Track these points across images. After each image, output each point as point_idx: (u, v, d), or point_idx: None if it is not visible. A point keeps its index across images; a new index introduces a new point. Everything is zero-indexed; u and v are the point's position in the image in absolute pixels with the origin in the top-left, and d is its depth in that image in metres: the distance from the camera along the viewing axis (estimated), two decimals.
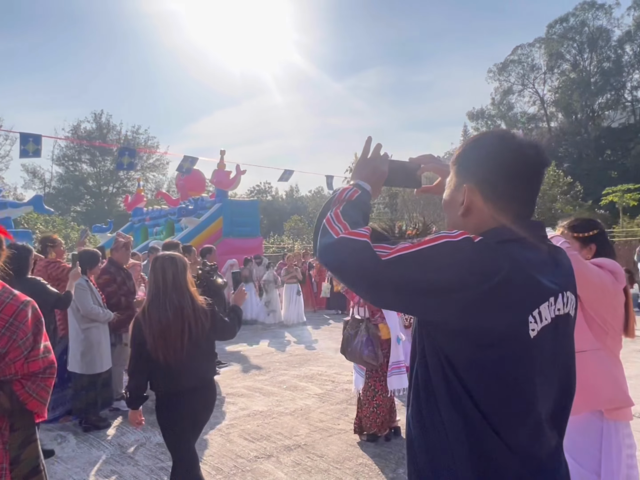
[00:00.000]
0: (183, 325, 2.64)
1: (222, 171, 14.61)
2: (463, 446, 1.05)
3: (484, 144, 1.17)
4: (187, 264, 2.85)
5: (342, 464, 3.76)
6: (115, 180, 47.58)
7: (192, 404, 2.71)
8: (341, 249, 1.10)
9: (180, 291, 2.71)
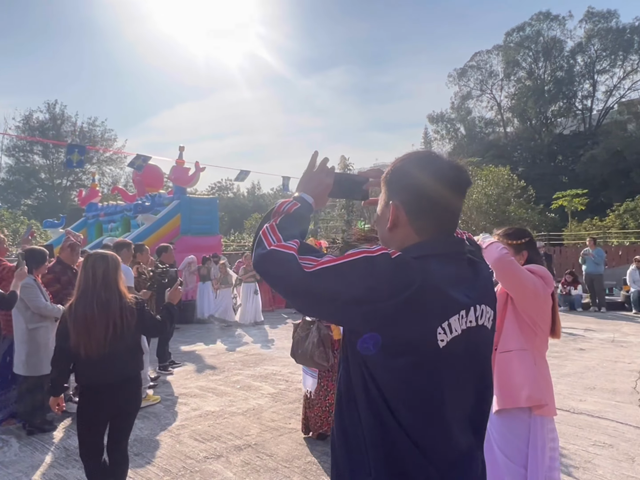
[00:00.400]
0: (108, 321, 2.77)
1: (180, 168, 14.36)
2: (378, 450, 1.12)
3: (409, 164, 1.24)
4: (119, 262, 2.99)
5: (290, 462, 3.82)
6: (70, 173, 45.91)
7: (113, 399, 2.83)
8: (271, 259, 1.17)
9: (109, 288, 2.84)
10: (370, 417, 1.13)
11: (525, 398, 2.35)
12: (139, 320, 2.90)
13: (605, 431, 4.32)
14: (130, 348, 2.91)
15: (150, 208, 13.95)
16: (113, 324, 2.77)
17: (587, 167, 35.01)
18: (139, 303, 2.95)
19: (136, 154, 11.21)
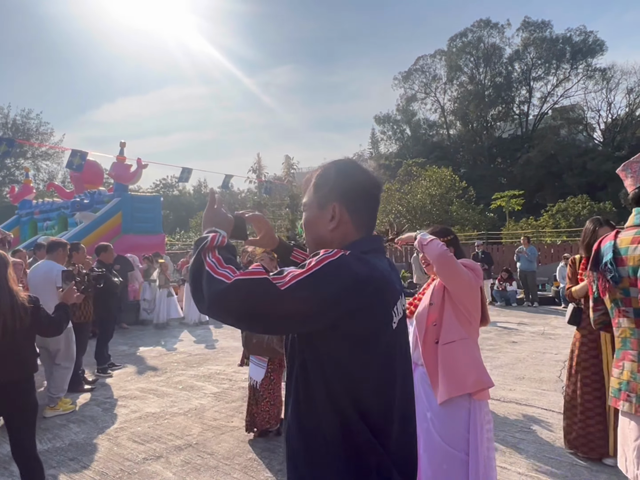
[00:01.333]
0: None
1: (121, 164, 13.90)
2: (339, 444, 1.18)
3: (343, 169, 1.37)
4: (8, 261, 2.92)
5: (231, 460, 3.83)
6: (1, 168, 43.32)
7: (2, 401, 2.76)
8: (238, 291, 1.11)
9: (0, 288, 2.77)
10: (330, 414, 1.18)
11: (472, 383, 2.50)
12: (34, 320, 2.86)
13: (531, 417, 4.61)
14: (21, 348, 2.84)
15: (89, 205, 13.44)
16: (3, 324, 2.71)
17: (523, 169, 36.86)
18: (33, 302, 2.90)
19: (71, 150, 10.67)
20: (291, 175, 6.87)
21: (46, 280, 4.98)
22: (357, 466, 1.18)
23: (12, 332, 2.73)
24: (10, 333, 2.72)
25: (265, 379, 4.14)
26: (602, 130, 40.76)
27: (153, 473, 3.63)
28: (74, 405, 5.21)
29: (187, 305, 10.80)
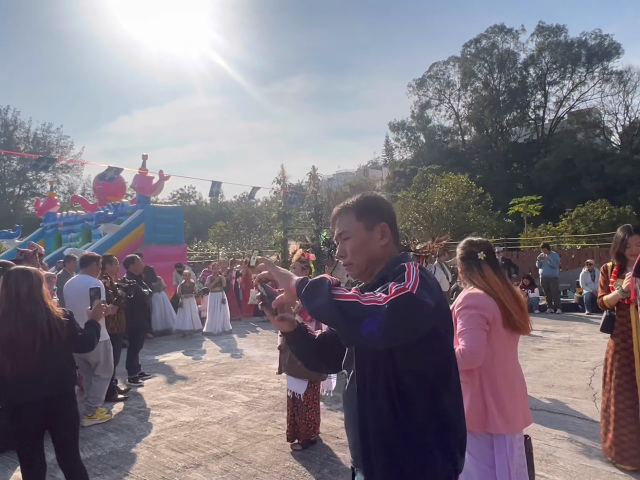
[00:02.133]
0: (34, 336, 2.75)
1: (143, 176, 14.15)
2: (432, 431, 1.43)
3: (379, 197, 1.69)
4: (42, 277, 2.97)
5: (269, 468, 3.90)
6: (23, 181, 44.27)
7: (40, 415, 2.81)
8: (402, 308, 1.26)
9: (35, 304, 2.82)
10: (430, 416, 1.43)
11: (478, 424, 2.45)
12: (69, 334, 2.90)
13: (564, 425, 4.60)
14: (60, 362, 2.89)
15: (113, 217, 13.68)
16: (41, 339, 2.75)
17: (540, 174, 36.53)
18: (68, 316, 2.95)
19: (108, 166, 11.11)
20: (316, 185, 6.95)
21: (84, 295, 5.09)
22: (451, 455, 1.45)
23: (50, 346, 2.78)
24: (48, 347, 2.78)
25: (310, 390, 4.18)
26: (619, 133, 40.27)
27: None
28: (109, 414, 5.33)
29: (212, 315, 10.91)
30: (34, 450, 2.87)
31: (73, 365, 3.06)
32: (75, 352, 3.08)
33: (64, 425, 2.92)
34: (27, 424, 2.80)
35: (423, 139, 47.92)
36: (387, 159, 55.66)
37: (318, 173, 7.06)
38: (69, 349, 2.98)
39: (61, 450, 2.96)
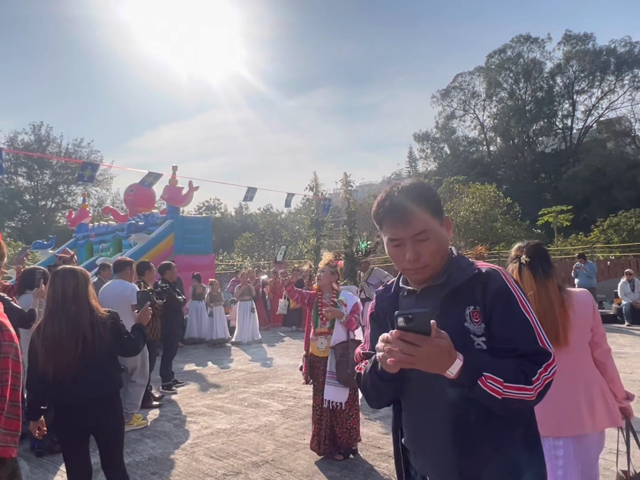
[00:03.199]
0: (77, 337, 2.68)
1: (173, 187, 14.35)
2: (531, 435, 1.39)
3: (431, 186, 1.57)
4: (89, 277, 2.92)
5: (311, 477, 3.79)
6: (55, 194, 45.46)
7: (86, 418, 2.75)
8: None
9: (80, 304, 2.76)
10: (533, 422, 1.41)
11: None
12: (113, 335, 2.82)
13: (620, 439, 4.36)
14: (104, 364, 2.82)
15: (144, 227, 13.87)
16: (83, 340, 2.68)
17: (569, 184, 35.79)
18: (113, 317, 2.87)
19: (148, 172, 11.48)
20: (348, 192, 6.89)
21: (120, 299, 5.11)
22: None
23: (93, 348, 2.72)
24: (91, 349, 2.72)
25: (350, 397, 4.07)
26: None
27: None
28: (145, 420, 5.31)
29: (241, 324, 10.89)
30: (78, 454, 2.81)
31: (118, 369, 2.97)
32: (120, 355, 3.02)
33: (109, 429, 2.86)
34: (71, 428, 2.75)
35: (447, 150, 47.58)
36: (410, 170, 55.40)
37: (350, 180, 6.98)
38: (114, 352, 2.91)
39: (105, 455, 2.91)
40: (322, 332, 4.18)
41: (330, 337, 4.10)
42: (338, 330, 4.11)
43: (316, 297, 4.29)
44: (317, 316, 4.22)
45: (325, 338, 4.14)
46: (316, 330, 4.20)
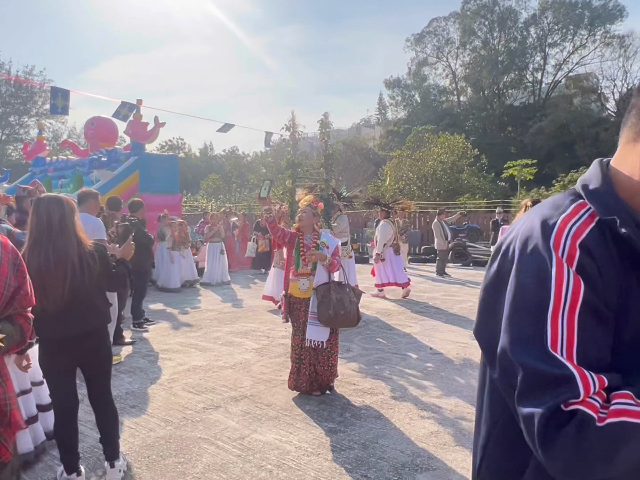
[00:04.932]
0: (65, 271, 2.57)
1: (138, 122, 13.64)
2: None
3: None
4: (75, 207, 2.76)
5: (290, 411, 3.90)
6: (5, 126, 42.71)
7: (74, 351, 2.71)
8: None
9: (67, 235, 2.62)
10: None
11: None
12: (102, 269, 2.72)
13: None
14: (93, 299, 2.74)
15: (106, 164, 13.31)
16: (72, 274, 2.57)
17: (534, 138, 36.36)
18: (100, 249, 2.76)
19: (121, 102, 10.62)
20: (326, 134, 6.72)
21: None
22: None
23: (82, 281, 2.61)
24: (80, 282, 2.61)
25: (332, 336, 4.14)
26: (616, 100, 39.95)
27: (216, 422, 3.70)
28: (119, 356, 5.28)
29: (210, 265, 10.80)
30: (66, 385, 2.77)
31: (107, 303, 2.88)
32: (108, 290, 2.92)
33: (98, 362, 2.83)
34: (59, 359, 2.69)
35: (418, 98, 47.11)
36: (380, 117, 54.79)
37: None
38: (102, 286, 2.81)
39: (94, 388, 2.87)
40: (304, 272, 4.17)
41: (312, 279, 4.11)
42: (320, 272, 4.12)
43: (297, 238, 4.25)
44: (298, 257, 4.20)
45: (307, 279, 4.15)
46: (298, 271, 4.19)
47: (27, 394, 3.17)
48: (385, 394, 4.23)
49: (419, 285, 10.52)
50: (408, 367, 4.95)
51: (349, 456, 3.16)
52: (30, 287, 1.84)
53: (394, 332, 6.44)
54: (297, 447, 3.28)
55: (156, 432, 3.53)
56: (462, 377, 4.66)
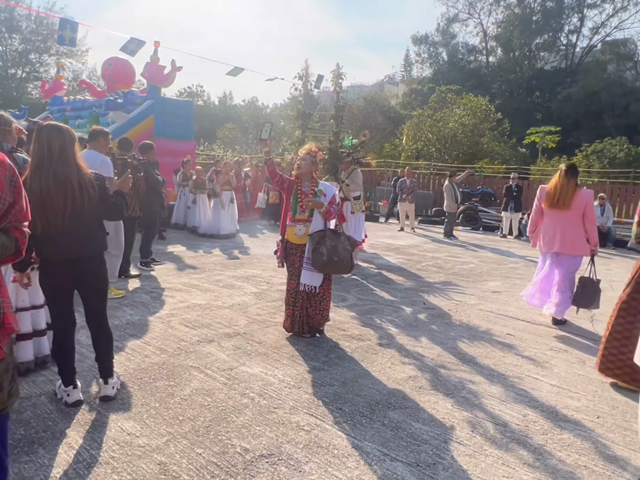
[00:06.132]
0: (66, 196, 2.70)
1: (155, 65, 13.56)
2: None
3: None
4: (75, 136, 2.86)
5: (279, 350, 4.10)
6: (25, 63, 42.46)
7: (71, 273, 2.87)
8: None
9: (67, 163, 2.74)
10: None
11: None
12: (100, 197, 2.85)
13: (562, 340, 4.79)
14: (90, 225, 2.88)
15: (122, 105, 13.31)
16: (72, 199, 2.70)
17: (562, 105, 35.21)
18: (99, 179, 2.88)
19: (130, 37, 10.59)
20: (339, 85, 6.65)
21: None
22: None
23: (82, 206, 2.74)
24: (80, 208, 2.74)
25: (325, 281, 4.29)
26: None
27: (208, 353, 3.91)
28: (123, 290, 5.52)
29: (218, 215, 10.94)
30: (64, 306, 2.96)
31: (104, 230, 3.03)
32: (105, 218, 3.06)
33: (94, 286, 3.00)
34: (57, 280, 2.86)
35: (445, 56, 45.58)
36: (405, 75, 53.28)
37: (342, 72, 6.71)
38: (100, 214, 2.96)
39: (90, 312, 3.07)
40: (300, 219, 4.27)
41: (309, 225, 4.22)
42: (316, 219, 4.22)
43: (295, 185, 4.33)
44: (296, 203, 4.29)
45: (303, 225, 4.25)
46: (295, 217, 4.29)
47: (38, 309, 3.40)
48: (372, 341, 4.40)
49: (425, 245, 10.60)
50: (399, 318, 5.11)
51: (328, 391, 3.35)
52: (27, 202, 1.95)
53: (392, 286, 6.58)
54: (280, 380, 3.49)
55: (151, 358, 3.76)
56: (450, 330, 4.81)
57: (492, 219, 14.97)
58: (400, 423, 2.98)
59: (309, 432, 2.83)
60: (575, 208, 4.88)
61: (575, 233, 4.93)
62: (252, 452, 2.61)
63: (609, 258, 10.07)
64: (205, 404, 3.09)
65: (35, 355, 3.42)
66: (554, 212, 4.99)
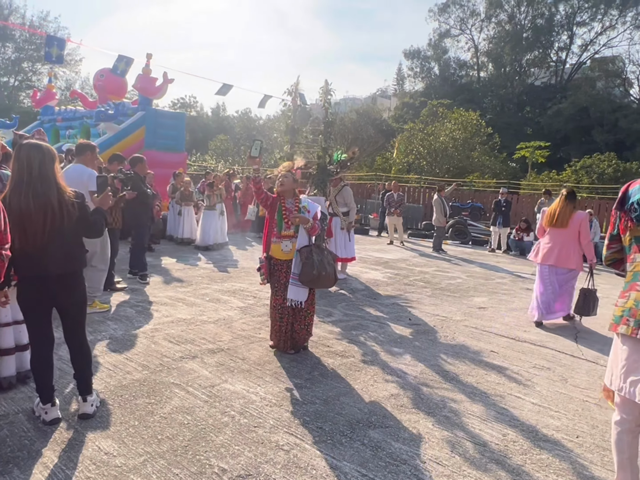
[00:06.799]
0: (45, 214, 2.71)
1: (147, 77, 13.61)
2: None
3: None
4: (55, 155, 2.88)
5: (262, 366, 4.08)
6: (18, 72, 42.48)
7: (52, 290, 2.86)
8: None
9: (47, 181, 2.75)
10: None
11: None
12: (80, 215, 2.86)
13: (545, 357, 4.82)
14: (70, 243, 2.88)
15: (113, 117, 13.30)
16: (52, 218, 2.71)
17: (552, 120, 35.68)
18: (79, 197, 2.90)
19: (118, 55, 10.58)
20: (328, 101, 6.71)
21: (77, 184, 4.95)
22: None
23: (61, 225, 2.75)
24: (59, 226, 2.75)
25: (310, 296, 4.31)
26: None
27: (190, 370, 3.89)
28: (108, 304, 5.49)
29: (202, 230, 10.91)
30: (42, 323, 2.94)
31: (83, 249, 3.03)
32: (84, 236, 3.06)
33: (72, 303, 2.99)
34: (35, 297, 2.84)
35: (437, 71, 46.16)
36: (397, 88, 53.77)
37: (331, 88, 6.78)
38: (80, 232, 2.96)
39: (68, 329, 3.05)
40: (287, 235, 4.30)
41: (295, 240, 4.25)
42: (302, 235, 4.25)
43: (279, 202, 4.36)
44: (281, 220, 4.31)
45: (290, 241, 4.28)
46: (281, 233, 4.31)
47: (20, 324, 3.37)
48: (356, 357, 4.40)
49: (413, 259, 10.64)
50: (384, 335, 5.12)
51: (309, 410, 3.34)
52: (6, 224, 1.94)
53: (378, 301, 6.60)
54: (262, 398, 3.47)
55: (132, 375, 3.74)
56: (434, 347, 4.82)
57: (481, 233, 15.07)
58: (380, 442, 2.98)
59: (288, 452, 2.82)
60: (572, 227, 5.66)
61: (570, 249, 5.70)
62: (230, 472, 2.59)
63: (596, 274, 10.14)
64: (185, 423, 3.07)
65: (17, 370, 3.39)
66: (554, 230, 5.77)
